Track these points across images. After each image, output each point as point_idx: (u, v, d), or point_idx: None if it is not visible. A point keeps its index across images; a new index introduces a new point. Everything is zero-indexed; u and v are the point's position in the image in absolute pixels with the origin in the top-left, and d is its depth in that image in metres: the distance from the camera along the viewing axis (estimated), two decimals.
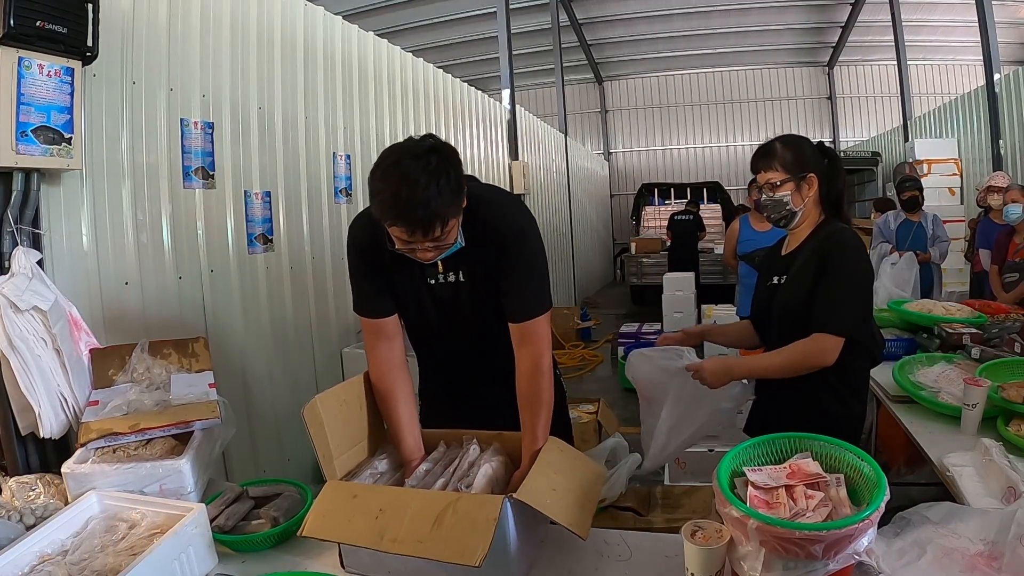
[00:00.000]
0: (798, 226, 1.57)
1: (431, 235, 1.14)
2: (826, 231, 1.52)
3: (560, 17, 9.76)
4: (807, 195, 1.53)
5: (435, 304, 1.39)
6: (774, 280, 1.60)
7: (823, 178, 1.54)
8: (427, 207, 1.10)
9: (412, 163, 1.10)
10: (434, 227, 1.13)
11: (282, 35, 2.77)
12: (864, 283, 1.46)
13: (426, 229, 1.13)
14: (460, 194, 1.17)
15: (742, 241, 4.05)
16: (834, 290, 1.41)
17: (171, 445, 1.38)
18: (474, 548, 0.92)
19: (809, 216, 1.56)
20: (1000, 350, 1.99)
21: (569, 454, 1.24)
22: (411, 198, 1.09)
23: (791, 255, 1.58)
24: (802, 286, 1.47)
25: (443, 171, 1.12)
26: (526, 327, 1.30)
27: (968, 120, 6.80)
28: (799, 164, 1.52)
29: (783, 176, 1.52)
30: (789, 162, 1.52)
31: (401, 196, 1.09)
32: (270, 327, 2.64)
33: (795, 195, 1.52)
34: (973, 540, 0.96)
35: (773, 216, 1.57)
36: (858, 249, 1.46)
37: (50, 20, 1.51)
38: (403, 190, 1.09)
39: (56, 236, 1.76)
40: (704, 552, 0.89)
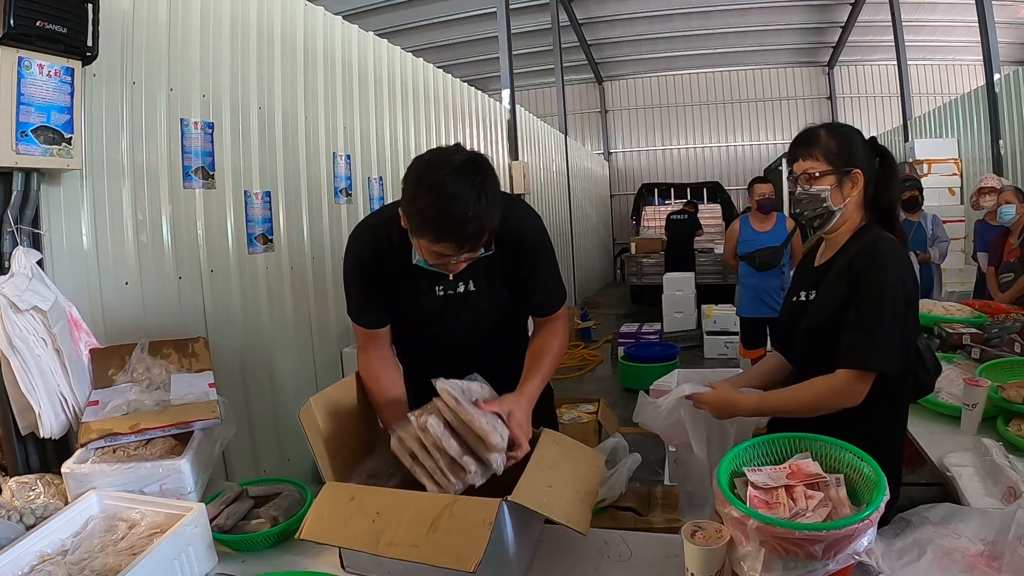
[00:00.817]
0: (835, 230, 1.33)
1: (471, 250, 1.14)
2: (864, 240, 1.28)
3: (560, 17, 9.76)
4: (849, 194, 1.29)
5: (439, 314, 1.38)
6: (801, 296, 1.37)
7: (872, 179, 1.31)
8: (478, 222, 1.09)
9: (456, 179, 1.08)
10: (480, 240, 1.14)
11: (282, 35, 2.77)
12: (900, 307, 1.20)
13: (474, 244, 1.13)
14: (500, 206, 1.15)
15: (742, 241, 4.05)
16: (865, 317, 1.19)
17: (171, 445, 1.38)
18: (469, 553, 0.92)
19: (849, 220, 1.32)
20: (1000, 350, 1.99)
21: (565, 446, 1.23)
22: (462, 215, 1.07)
23: (824, 266, 1.34)
24: (831, 305, 1.26)
25: (487, 185, 1.11)
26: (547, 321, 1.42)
27: (968, 120, 6.80)
28: (845, 156, 1.29)
29: (824, 167, 1.29)
30: (834, 152, 1.29)
31: (450, 213, 1.07)
32: (270, 327, 2.64)
33: (835, 191, 1.29)
34: (973, 540, 0.96)
35: (807, 213, 1.32)
36: (899, 263, 1.23)
37: (50, 20, 1.51)
38: (452, 207, 1.07)
39: (56, 236, 1.76)
40: (704, 552, 0.89)
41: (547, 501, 1.04)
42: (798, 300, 1.38)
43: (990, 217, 4.09)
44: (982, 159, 6.38)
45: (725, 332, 5.58)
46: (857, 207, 1.31)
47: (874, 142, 1.35)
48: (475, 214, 1.08)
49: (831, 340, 1.24)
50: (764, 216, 4.03)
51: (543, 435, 1.22)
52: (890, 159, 1.35)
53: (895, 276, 1.20)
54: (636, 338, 5.54)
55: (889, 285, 1.20)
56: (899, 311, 1.19)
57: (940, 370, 1.48)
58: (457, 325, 1.40)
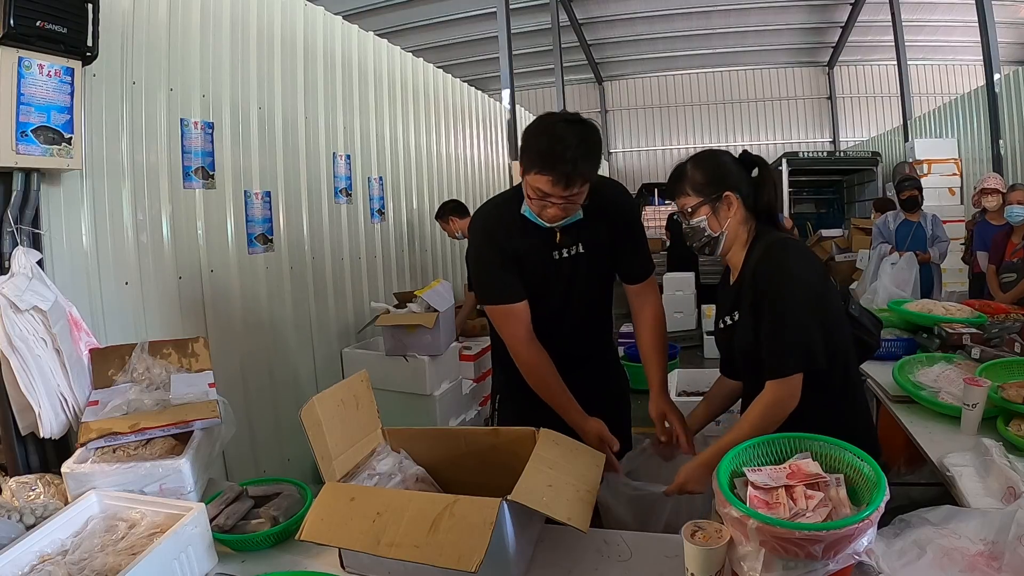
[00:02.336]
0: (727, 251, 1.40)
1: (569, 189, 1.32)
2: (758, 251, 1.32)
3: (560, 17, 9.75)
4: (727, 216, 1.35)
5: (557, 277, 1.53)
6: (726, 319, 1.42)
7: (748, 192, 1.37)
8: (575, 164, 1.29)
9: (566, 127, 1.32)
10: (575, 182, 1.32)
11: (282, 35, 2.77)
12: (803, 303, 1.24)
13: (569, 181, 1.31)
14: (598, 164, 1.36)
15: None
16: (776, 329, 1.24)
17: (171, 445, 1.38)
18: (471, 553, 0.91)
19: (738, 238, 1.38)
20: (1000, 350, 1.99)
21: (564, 445, 1.24)
22: (565, 150, 1.28)
23: (736, 285, 1.40)
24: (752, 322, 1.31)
25: (593, 138, 1.34)
26: (647, 284, 1.60)
27: (968, 120, 6.80)
28: (713, 183, 1.35)
29: (696, 200, 1.36)
30: (700, 183, 1.36)
31: (556, 150, 1.29)
32: (270, 327, 2.64)
33: (711, 219, 1.36)
34: (973, 540, 0.96)
35: (695, 244, 1.40)
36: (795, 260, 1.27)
37: (50, 20, 1.51)
38: (559, 143, 1.29)
39: (56, 236, 1.76)
40: (704, 552, 0.88)
41: (547, 500, 1.04)
42: (725, 325, 1.43)
43: (991, 217, 4.09)
44: (982, 159, 6.38)
45: None
46: (741, 224, 1.37)
47: (745, 155, 1.43)
48: (573, 156, 1.29)
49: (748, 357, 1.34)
50: None
51: (542, 435, 1.22)
52: (764, 167, 1.42)
53: (791, 276, 1.25)
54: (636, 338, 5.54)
55: (787, 288, 1.25)
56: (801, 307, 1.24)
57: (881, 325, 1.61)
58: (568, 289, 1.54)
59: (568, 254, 1.52)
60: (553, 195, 1.34)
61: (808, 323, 1.24)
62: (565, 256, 1.52)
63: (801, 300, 1.24)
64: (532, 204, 1.40)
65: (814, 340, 1.24)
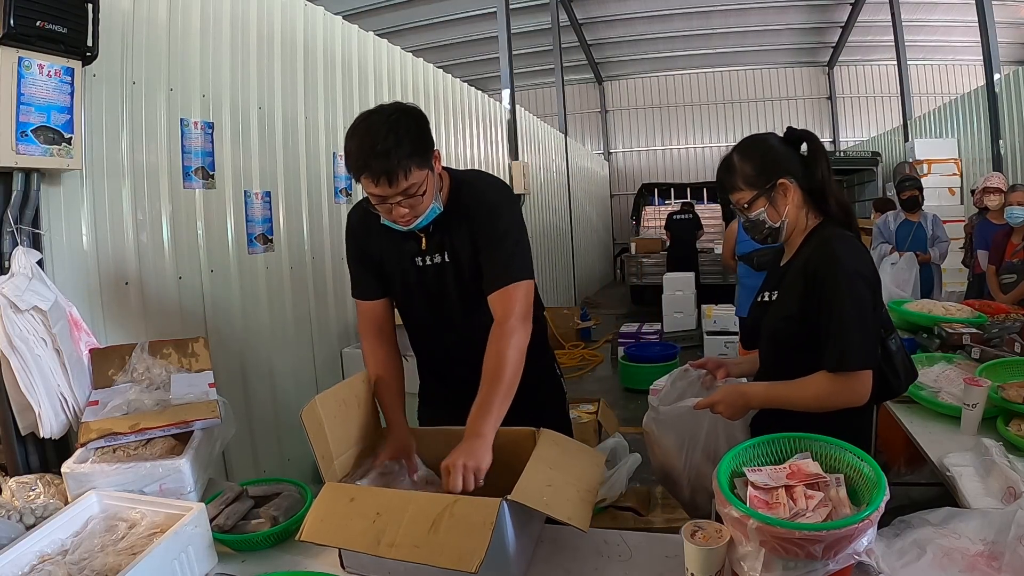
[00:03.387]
0: (788, 237, 1.37)
1: (395, 184, 1.20)
2: (815, 240, 1.30)
3: (560, 17, 9.76)
4: (785, 204, 1.31)
5: (422, 286, 1.42)
6: (765, 296, 1.39)
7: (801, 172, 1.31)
8: (387, 156, 1.17)
9: (375, 118, 1.22)
10: (396, 175, 1.19)
11: (282, 35, 2.77)
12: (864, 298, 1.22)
13: (390, 177, 1.19)
14: (424, 146, 1.24)
15: (741, 241, 4.04)
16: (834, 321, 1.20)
17: (171, 445, 1.38)
18: (471, 553, 0.91)
19: (799, 224, 1.34)
20: (1000, 350, 1.99)
21: (564, 445, 1.23)
22: (372, 146, 1.18)
23: (784, 267, 1.38)
24: (790, 305, 1.28)
25: (404, 124, 1.22)
26: (497, 296, 1.31)
27: (968, 120, 6.80)
28: (765, 174, 1.30)
29: (750, 194, 1.31)
30: (752, 176, 1.31)
31: (364, 146, 1.19)
32: (270, 327, 2.64)
33: (770, 210, 1.31)
34: (973, 540, 0.96)
35: (758, 237, 1.37)
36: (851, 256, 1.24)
37: (50, 20, 1.51)
38: (366, 140, 1.19)
39: (56, 236, 1.76)
40: (704, 552, 0.89)
41: (547, 500, 1.04)
42: (762, 300, 1.40)
43: (992, 216, 4.09)
44: (982, 159, 6.39)
45: (725, 332, 5.57)
46: (800, 208, 1.32)
47: (790, 132, 1.36)
48: (384, 149, 1.17)
49: (789, 339, 1.28)
50: None
51: (542, 435, 1.22)
52: (812, 141, 1.34)
53: (851, 270, 1.21)
54: (636, 338, 5.54)
55: (846, 281, 1.21)
56: (864, 303, 1.21)
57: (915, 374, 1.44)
58: (436, 298, 1.43)
59: (432, 262, 1.40)
60: (386, 195, 1.22)
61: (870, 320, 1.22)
62: (429, 263, 1.40)
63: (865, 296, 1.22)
64: (379, 208, 1.28)
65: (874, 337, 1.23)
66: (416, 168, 1.22)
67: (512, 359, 1.25)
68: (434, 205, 1.30)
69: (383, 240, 1.39)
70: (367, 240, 1.42)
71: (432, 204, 1.29)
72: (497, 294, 1.31)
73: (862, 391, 1.20)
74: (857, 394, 1.20)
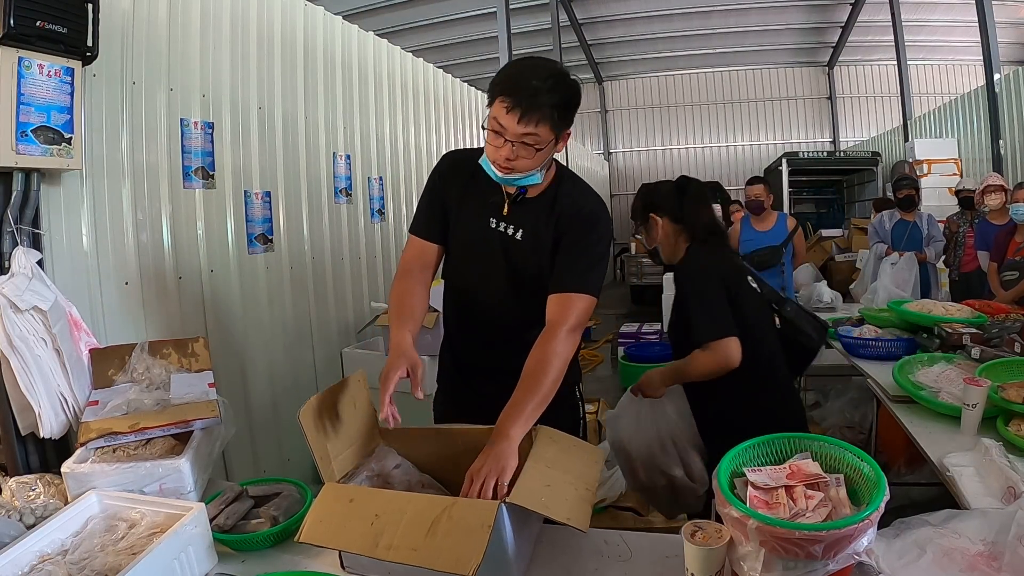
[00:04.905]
0: (671, 259, 1.82)
1: (524, 123, 1.18)
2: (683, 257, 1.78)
3: (560, 17, 9.76)
4: (658, 232, 1.80)
5: (484, 248, 1.40)
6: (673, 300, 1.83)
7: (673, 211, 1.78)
8: (536, 94, 1.17)
9: (547, 62, 1.24)
10: (531, 116, 1.18)
11: (282, 35, 2.77)
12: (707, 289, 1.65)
13: (524, 112, 1.17)
14: (568, 113, 1.24)
15: (743, 241, 4.05)
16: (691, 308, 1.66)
17: (171, 445, 1.38)
18: (468, 557, 0.91)
19: (677, 250, 1.80)
20: (1000, 350, 1.99)
21: (562, 443, 1.23)
22: (530, 78, 1.18)
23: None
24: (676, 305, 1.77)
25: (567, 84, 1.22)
26: (559, 299, 1.29)
27: (968, 120, 6.80)
28: (644, 209, 1.83)
29: (638, 223, 1.86)
30: (638, 210, 1.86)
31: (523, 73, 1.20)
32: (270, 327, 2.64)
33: (648, 237, 1.84)
34: (973, 540, 0.96)
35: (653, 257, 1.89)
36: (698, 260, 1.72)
37: (50, 20, 1.51)
38: (527, 70, 1.20)
39: (56, 236, 1.76)
40: (704, 552, 0.88)
41: (546, 501, 1.03)
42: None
43: (993, 216, 4.09)
44: (982, 159, 6.39)
45: None
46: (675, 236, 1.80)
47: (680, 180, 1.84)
48: (537, 87, 1.17)
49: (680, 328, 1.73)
50: (763, 216, 4.03)
51: (539, 433, 1.22)
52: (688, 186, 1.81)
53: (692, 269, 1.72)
54: (636, 338, 5.55)
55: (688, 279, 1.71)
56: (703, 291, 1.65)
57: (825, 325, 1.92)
58: (492, 270, 1.40)
59: (503, 229, 1.37)
60: (507, 128, 1.19)
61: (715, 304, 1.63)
62: (500, 230, 1.37)
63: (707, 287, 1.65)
64: (489, 146, 1.25)
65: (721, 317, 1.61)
66: (549, 125, 1.20)
67: (555, 366, 1.22)
68: (536, 173, 1.28)
69: (467, 190, 1.37)
70: (451, 184, 1.40)
71: (536, 170, 1.27)
72: (561, 297, 1.29)
73: (730, 354, 1.58)
74: (727, 358, 1.58)
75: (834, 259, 6.43)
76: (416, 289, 1.41)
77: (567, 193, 1.37)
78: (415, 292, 1.40)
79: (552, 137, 1.23)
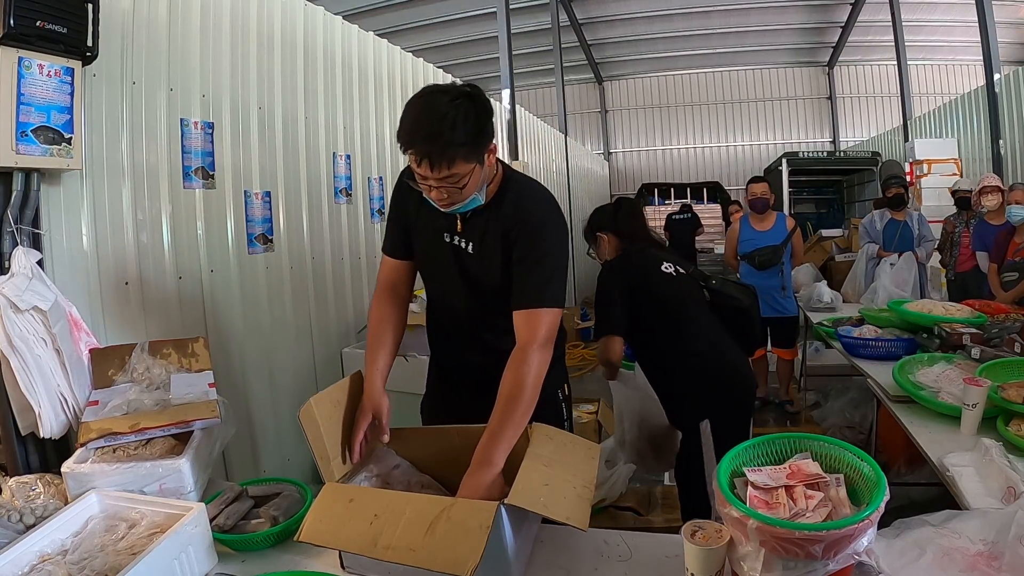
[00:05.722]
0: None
1: (437, 170, 1.16)
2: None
3: (560, 17, 9.76)
4: (605, 247, 2.15)
5: (443, 261, 1.41)
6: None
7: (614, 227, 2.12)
8: (436, 139, 1.13)
9: (440, 97, 1.16)
10: (440, 162, 1.15)
11: (282, 35, 2.77)
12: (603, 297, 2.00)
13: (432, 161, 1.14)
14: (480, 140, 1.19)
15: (742, 241, 4.05)
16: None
17: (171, 445, 1.38)
18: (465, 558, 0.91)
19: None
20: (1000, 350, 1.99)
21: (558, 441, 1.23)
22: (426, 125, 1.13)
23: None
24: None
25: (465, 111, 1.15)
26: (524, 316, 1.27)
27: (968, 120, 6.80)
28: (592, 229, 2.19)
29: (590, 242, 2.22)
30: (588, 232, 2.21)
31: (418, 122, 1.15)
32: (270, 327, 2.64)
33: (597, 251, 2.19)
34: (973, 540, 0.96)
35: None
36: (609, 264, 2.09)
37: (50, 20, 1.51)
38: (422, 118, 1.14)
39: (56, 236, 1.76)
40: (704, 552, 0.88)
41: (545, 501, 1.03)
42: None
43: (990, 217, 4.09)
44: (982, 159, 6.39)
45: None
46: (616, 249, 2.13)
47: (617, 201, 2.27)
48: (435, 131, 1.12)
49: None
50: (763, 215, 4.03)
51: (535, 431, 1.22)
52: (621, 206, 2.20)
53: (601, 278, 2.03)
54: None
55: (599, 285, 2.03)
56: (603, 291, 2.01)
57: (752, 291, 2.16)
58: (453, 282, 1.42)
59: (457, 243, 1.37)
60: (426, 176, 1.18)
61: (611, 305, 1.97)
62: (454, 243, 1.38)
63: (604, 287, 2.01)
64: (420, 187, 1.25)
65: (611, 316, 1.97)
66: (462, 160, 1.17)
67: (529, 386, 1.21)
68: (476, 196, 1.26)
69: (422, 206, 1.35)
70: (408, 201, 1.40)
71: (474, 195, 1.25)
72: (525, 314, 1.27)
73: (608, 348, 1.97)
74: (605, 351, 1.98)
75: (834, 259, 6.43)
76: (390, 312, 1.45)
77: (512, 201, 1.34)
78: (390, 317, 1.44)
79: (473, 165, 1.20)
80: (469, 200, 1.25)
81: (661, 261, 2.07)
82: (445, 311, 1.51)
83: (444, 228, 1.39)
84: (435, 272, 1.46)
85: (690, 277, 2.08)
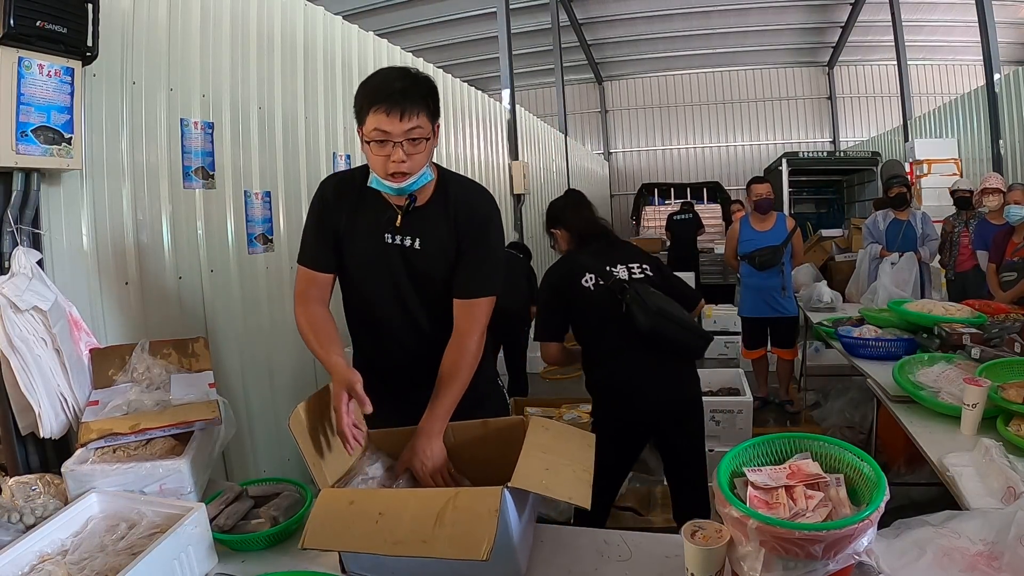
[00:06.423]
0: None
1: (406, 119, 1.24)
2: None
3: (560, 17, 9.76)
4: (560, 241, 2.19)
5: (383, 264, 1.41)
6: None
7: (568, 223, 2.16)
8: (404, 92, 1.24)
9: (395, 68, 1.32)
10: (410, 110, 1.24)
11: (282, 35, 2.77)
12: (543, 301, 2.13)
13: (403, 109, 1.23)
14: (435, 101, 1.31)
15: (743, 241, 4.05)
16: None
17: (171, 445, 1.38)
18: (479, 542, 0.93)
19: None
20: (1000, 350, 1.99)
21: (554, 430, 1.25)
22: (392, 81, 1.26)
23: None
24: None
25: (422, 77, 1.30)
26: (465, 305, 1.38)
27: (968, 120, 6.80)
28: (548, 224, 2.22)
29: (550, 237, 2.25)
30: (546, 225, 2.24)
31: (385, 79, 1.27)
32: (270, 327, 2.63)
33: (557, 245, 2.23)
34: (973, 540, 0.96)
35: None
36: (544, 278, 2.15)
37: (50, 20, 1.51)
38: (388, 76, 1.28)
39: (56, 236, 1.76)
40: (704, 552, 0.89)
41: (546, 483, 1.05)
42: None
43: (991, 216, 4.09)
44: (982, 159, 6.39)
45: (725, 332, 5.57)
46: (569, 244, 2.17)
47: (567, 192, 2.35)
48: (402, 86, 1.25)
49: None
50: (764, 216, 4.03)
51: (532, 422, 1.24)
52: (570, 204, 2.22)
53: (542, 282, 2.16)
54: None
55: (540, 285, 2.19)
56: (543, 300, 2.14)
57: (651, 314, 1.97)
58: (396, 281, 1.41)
59: (400, 241, 1.39)
60: (392, 132, 1.24)
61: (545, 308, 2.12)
62: (397, 243, 1.39)
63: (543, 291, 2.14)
64: (376, 159, 1.28)
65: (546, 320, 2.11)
66: (426, 115, 1.28)
67: (466, 368, 1.35)
68: (426, 171, 1.33)
69: (357, 210, 1.40)
70: (337, 209, 1.41)
71: (424, 169, 1.32)
72: (466, 303, 1.38)
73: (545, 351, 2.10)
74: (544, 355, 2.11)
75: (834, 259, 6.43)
76: (322, 312, 1.44)
77: (456, 194, 1.42)
78: (324, 315, 1.44)
79: (430, 127, 1.30)
80: (420, 174, 1.31)
81: (584, 272, 2.03)
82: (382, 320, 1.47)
83: (384, 229, 1.40)
84: (376, 276, 1.43)
85: (608, 290, 1.99)
